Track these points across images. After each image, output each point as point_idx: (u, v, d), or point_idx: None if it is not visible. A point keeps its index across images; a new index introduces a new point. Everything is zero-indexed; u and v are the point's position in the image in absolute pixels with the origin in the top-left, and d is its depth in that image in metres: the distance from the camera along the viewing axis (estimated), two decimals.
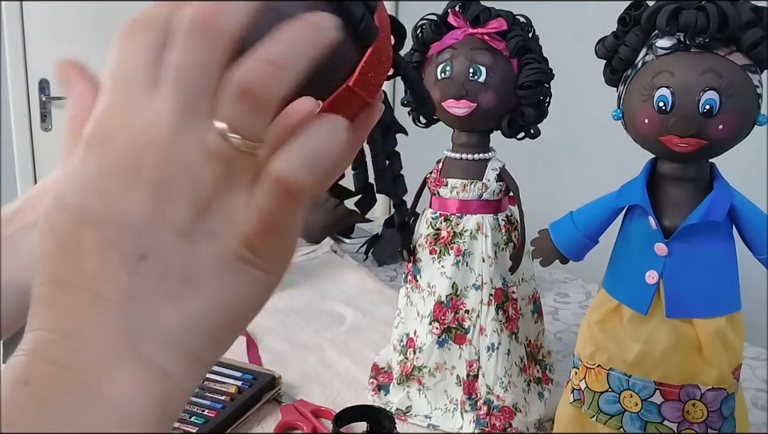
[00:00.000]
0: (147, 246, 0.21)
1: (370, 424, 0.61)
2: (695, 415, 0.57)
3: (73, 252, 0.21)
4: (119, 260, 0.21)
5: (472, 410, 0.73)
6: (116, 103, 0.22)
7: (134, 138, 0.21)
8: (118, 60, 0.23)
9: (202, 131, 0.21)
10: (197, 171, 0.21)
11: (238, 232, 0.22)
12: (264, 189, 0.22)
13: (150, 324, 0.21)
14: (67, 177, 0.22)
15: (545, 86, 0.72)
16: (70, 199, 0.21)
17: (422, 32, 0.73)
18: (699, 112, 0.53)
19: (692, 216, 0.56)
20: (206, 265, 0.21)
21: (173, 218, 0.21)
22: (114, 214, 0.21)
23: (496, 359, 0.72)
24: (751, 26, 0.52)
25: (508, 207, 0.77)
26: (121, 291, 0.20)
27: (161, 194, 0.21)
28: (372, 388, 0.79)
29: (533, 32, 0.73)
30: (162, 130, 0.21)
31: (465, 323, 0.73)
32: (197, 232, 0.21)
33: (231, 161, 0.21)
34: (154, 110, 0.21)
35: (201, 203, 0.21)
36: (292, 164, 0.21)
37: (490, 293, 0.73)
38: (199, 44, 0.21)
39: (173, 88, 0.21)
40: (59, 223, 0.21)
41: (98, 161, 0.21)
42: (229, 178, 0.22)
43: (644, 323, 0.58)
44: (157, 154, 0.21)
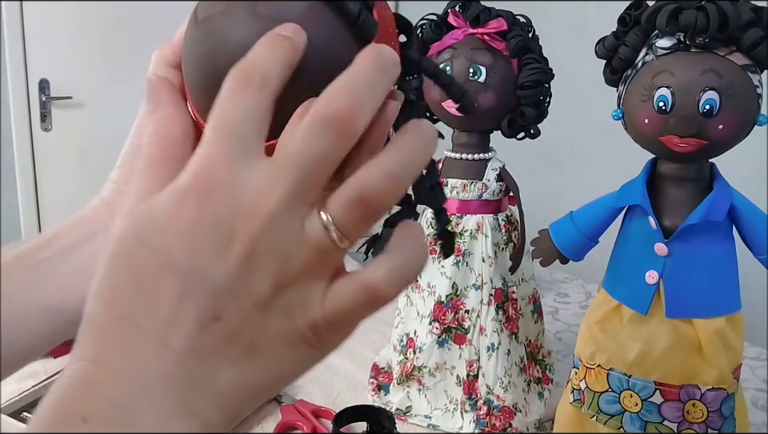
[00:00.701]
0: (223, 308, 0.21)
1: (369, 424, 0.61)
2: (695, 415, 0.57)
3: (148, 294, 0.21)
4: (194, 316, 0.21)
5: (472, 410, 0.73)
6: (223, 156, 0.22)
7: (238, 202, 0.21)
8: (229, 110, 0.22)
9: (305, 217, 0.22)
10: (290, 253, 0.22)
11: (309, 316, 0.22)
12: (351, 289, 0.22)
13: (207, 382, 0.21)
14: (153, 217, 0.22)
15: (545, 86, 0.72)
16: (157, 241, 0.21)
17: (422, 32, 0.73)
18: (699, 112, 0.53)
19: (692, 216, 0.56)
20: (272, 338, 0.22)
21: (254, 289, 0.21)
22: (199, 271, 0.21)
23: (496, 359, 0.72)
24: (751, 25, 0.52)
25: (508, 207, 0.77)
26: (188, 345, 0.21)
27: (249, 264, 0.21)
28: (372, 388, 0.79)
29: (533, 32, 0.73)
30: (269, 205, 0.21)
31: (465, 323, 0.73)
32: (272, 307, 0.22)
33: (323, 251, 0.22)
34: (265, 179, 0.21)
35: (283, 281, 0.22)
36: (387, 278, 0.22)
37: (489, 293, 0.73)
38: (332, 137, 0.22)
39: (292, 170, 0.21)
40: (139, 261, 0.21)
41: (194, 213, 0.21)
42: (315, 265, 0.22)
43: (644, 323, 0.58)
44: (257, 226, 0.21)
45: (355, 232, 0.22)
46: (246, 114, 0.22)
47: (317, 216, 0.22)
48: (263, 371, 0.22)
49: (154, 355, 0.21)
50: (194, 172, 0.22)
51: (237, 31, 0.24)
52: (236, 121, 0.22)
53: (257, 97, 0.22)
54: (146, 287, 0.21)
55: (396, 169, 0.22)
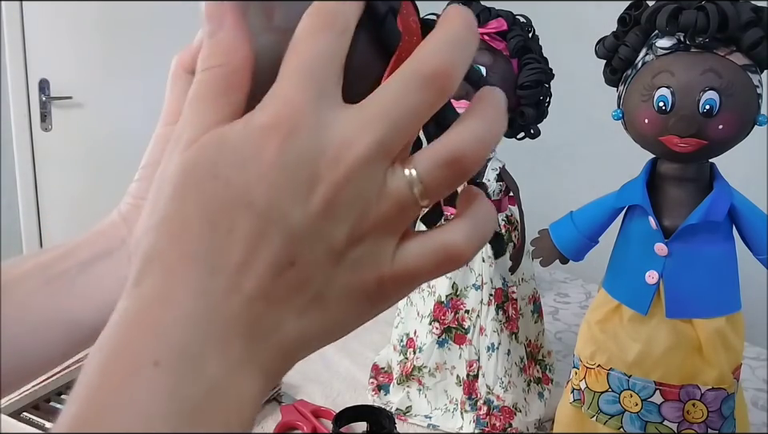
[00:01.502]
0: (299, 255, 0.21)
1: (369, 424, 0.61)
2: (695, 415, 0.57)
3: (223, 232, 0.20)
4: (270, 259, 0.20)
5: (472, 410, 0.73)
6: (305, 98, 0.21)
7: (323, 147, 0.20)
8: (311, 53, 0.21)
9: (389, 170, 0.21)
10: (370, 204, 0.21)
11: (377, 271, 0.22)
12: (428, 248, 0.22)
13: (273, 330, 0.21)
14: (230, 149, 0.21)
15: (545, 86, 0.72)
16: (235, 176, 0.20)
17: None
18: (699, 112, 0.53)
19: (692, 216, 0.56)
20: (338, 289, 0.22)
21: (330, 238, 0.21)
22: (279, 213, 0.20)
23: (496, 359, 0.72)
24: (751, 26, 0.52)
25: (508, 207, 0.77)
26: (259, 290, 0.20)
27: (329, 212, 0.21)
28: (372, 388, 0.79)
29: (533, 32, 0.73)
30: (355, 155, 0.21)
31: (465, 323, 0.73)
32: (344, 257, 0.21)
33: (402, 208, 0.22)
34: (353, 127, 0.21)
35: (359, 233, 0.21)
36: (466, 240, 0.22)
37: (490, 293, 0.73)
38: (429, 95, 0.21)
39: (381, 121, 0.21)
40: (215, 195, 0.20)
41: (277, 152, 0.20)
42: (394, 220, 0.22)
43: (644, 323, 0.58)
44: (340, 174, 0.20)
45: (439, 192, 0.22)
46: (328, 58, 0.21)
47: (401, 171, 0.21)
48: (323, 323, 0.22)
49: (224, 298, 0.20)
50: (276, 110, 0.21)
51: (253, 44, 0.24)
52: (318, 63, 0.21)
53: (338, 42, 0.22)
54: (221, 225, 0.20)
55: (486, 134, 0.22)
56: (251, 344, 0.20)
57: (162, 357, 0.19)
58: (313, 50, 0.21)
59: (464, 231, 0.23)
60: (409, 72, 0.21)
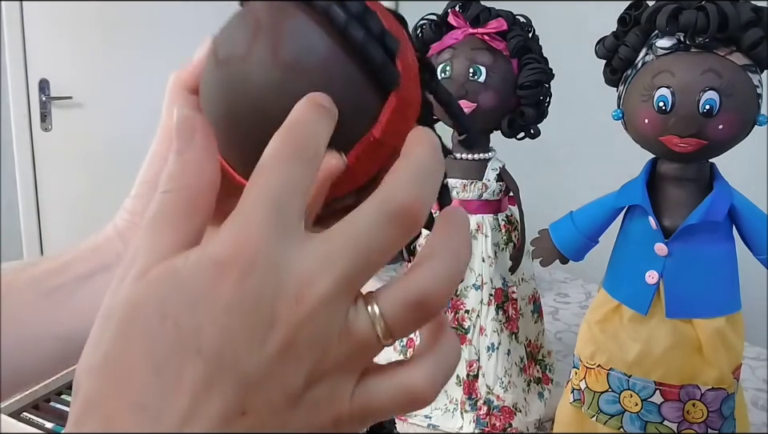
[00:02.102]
0: (253, 402, 0.19)
1: None
2: (695, 415, 0.57)
3: (170, 381, 0.19)
4: (219, 409, 0.19)
5: (472, 410, 0.73)
6: (270, 233, 0.19)
7: (283, 286, 0.19)
8: (277, 183, 0.20)
9: (352, 310, 0.20)
10: (330, 344, 0.20)
11: (335, 411, 0.21)
12: (388, 389, 0.21)
13: None
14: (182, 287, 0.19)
15: (545, 86, 0.72)
16: (185, 318, 0.19)
17: (422, 32, 0.73)
18: (699, 112, 0.53)
19: (692, 216, 0.56)
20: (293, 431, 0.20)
21: (287, 382, 0.19)
22: (232, 358, 0.19)
23: (496, 359, 0.72)
24: (751, 25, 0.52)
25: (508, 207, 0.77)
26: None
27: (287, 355, 0.19)
28: None
29: (533, 32, 0.73)
30: (317, 294, 0.19)
31: (465, 323, 0.73)
32: (301, 401, 0.20)
33: (364, 347, 0.21)
34: (314, 265, 0.20)
35: (317, 374, 0.20)
36: (429, 381, 0.21)
37: (489, 293, 0.73)
38: (396, 231, 0.20)
39: (346, 258, 0.20)
40: (162, 340, 0.19)
41: (231, 292, 0.19)
42: (352, 360, 0.21)
43: (644, 323, 0.58)
44: (301, 314, 0.19)
45: (404, 332, 0.21)
46: (294, 187, 0.20)
47: (364, 309, 0.20)
48: None
49: None
50: (234, 243, 0.19)
51: (258, 79, 0.23)
52: (284, 194, 0.20)
53: (306, 171, 0.20)
54: (168, 372, 0.19)
55: (451, 272, 0.21)
56: None
57: None
58: (279, 179, 0.20)
59: (427, 371, 0.21)
60: (376, 206, 0.20)
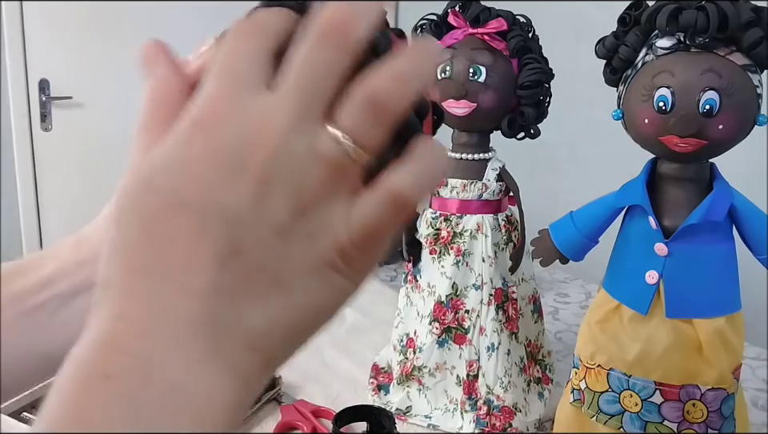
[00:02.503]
0: (242, 240, 0.20)
1: (370, 424, 0.61)
2: (695, 415, 0.57)
3: (163, 239, 0.20)
4: (212, 252, 0.20)
5: (472, 410, 0.73)
6: (226, 92, 0.21)
7: (245, 128, 0.21)
8: (229, 55, 0.22)
9: (315, 133, 0.21)
10: (303, 172, 0.21)
11: (333, 238, 0.21)
12: (375, 200, 0.22)
13: (234, 322, 0.20)
14: (160, 158, 0.21)
15: (545, 86, 0.72)
16: (164, 182, 0.20)
17: (422, 32, 0.73)
18: (699, 112, 0.53)
19: (692, 216, 0.56)
20: (297, 267, 0.21)
21: (272, 215, 0.20)
22: (213, 203, 0.20)
23: (496, 359, 0.72)
24: (751, 25, 0.52)
25: (508, 207, 0.77)
26: (209, 285, 0.20)
27: (263, 189, 0.20)
28: (372, 388, 0.79)
29: (533, 32, 0.73)
30: (276, 126, 0.21)
31: (465, 323, 0.73)
32: (293, 233, 0.21)
33: (339, 167, 0.21)
34: (270, 105, 0.21)
35: (301, 204, 0.21)
36: (411, 180, 0.22)
37: (489, 293, 0.73)
38: (330, 48, 0.21)
39: (294, 87, 0.21)
40: (149, 207, 0.20)
41: (202, 145, 0.21)
42: (333, 183, 0.21)
43: (644, 323, 0.58)
44: (267, 149, 0.20)
45: (370, 139, 0.22)
46: (246, 54, 0.22)
47: (325, 131, 0.21)
48: (292, 306, 0.21)
49: (175, 300, 0.20)
50: (197, 109, 0.21)
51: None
52: (236, 61, 0.22)
53: (256, 41, 0.22)
54: (160, 233, 0.20)
55: (405, 70, 0.22)
56: (213, 341, 0.20)
57: (113, 369, 0.19)
58: (234, 51, 0.22)
59: (408, 172, 0.22)
60: (310, 33, 0.22)
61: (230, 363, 0.20)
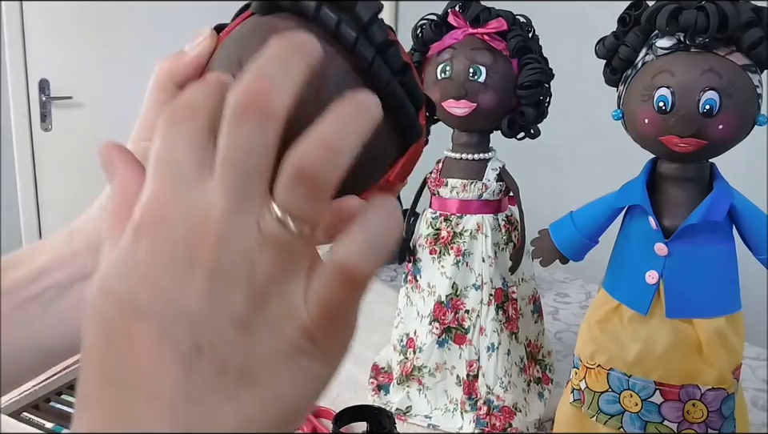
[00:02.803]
0: (203, 338, 0.19)
1: (370, 424, 0.61)
2: (695, 416, 0.57)
3: (123, 346, 0.20)
4: (174, 355, 0.19)
5: (472, 410, 0.73)
6: (165, 188, 0.21)
7: (188, 222, 0.20)
8: (164, 145, 0.22)
9: (256, 216, 0.20)
10: (253, 258, 0.20)
11: (297, 322, 0.21)
12: (325, 276, 0.21)
13: (206, 425, 0.19)
14: (113, 265, 0.21)
15: (545, 85, 0.72)
16: (118, 288, 0.20)
17: (422, 32, 0.73)
18: (699, 112, 0.53)
19: (692, 216, 0.56)
20: (264, 358, 0.20)
21: (230, 307, 0.20)
22: (168, 304, 0.20)
23: (496, 359, 0.72)
24: (751, 25, 0.52)
25: (508, 207, 0.77)
26: (176, 388, 0.19)
27: (217, 282, 0.20)
28: (372, 388, 0.79)
29: (533, 32, 0.73)
30: (216, 213, 0.20)
31: (465, 323, 0.73)
32: (254, 323, 0.20)
33: (288, 247, 0.21)
34: (209, 194, 0.20)
35: (258, 292, 0.20)
36: (354, 251, 0.20)
37: (489, 293, 0.73)
38: (248, 125, 0.20)
39: (225, 171, 0.20)
40: (106, 315, 0.20)
41: (148, 247, 0.20)
42: (286, 265, 0.21)
43: (644, 323, 0.58)
44: (212, 238, 0.20)
45: (308, 214, 0.20)
46: (182, 143, 0.22)
47: (267, 212, 0.20)
48: (265, 400, 0.20)
49: (145, 409, 0.19)
50: (140, 211, 0.21)
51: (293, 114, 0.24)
52: (173, 151, 0.21)
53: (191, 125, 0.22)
54: (120, 341, 0.20)
55: (331, 135, 0.20)
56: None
57: None
58: (167, 141, 0.22)
59: (354, 243, 0.20)
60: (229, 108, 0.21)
61: None
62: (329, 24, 0.24)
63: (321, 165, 0.20)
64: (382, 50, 0.24)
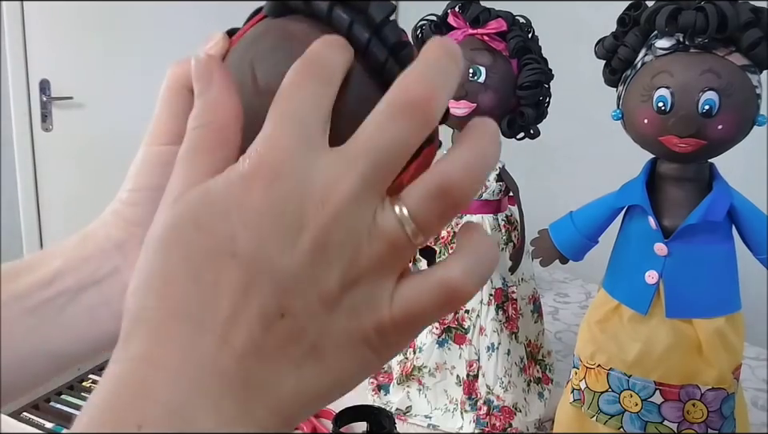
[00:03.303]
0: (289, 304, 0.20)
1: (370, 424, 0.61)
2: (695, 415, 0.57)
3: (209, 286, 0.19)
4: (258, 311, 0.19)
5: (472, 410, 0.73)
6: (290, 142, 0.20)
7: (309, 187, 0.20)
8: (297, 100, 0.21)
9: (378, 208, 0.21)
10: (361, 246, 0.20)
11: (376, 317, 0.21)
12: (426, 287, 0.21)
13: (267, 386, 0.20)
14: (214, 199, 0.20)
15: (544, 86, 0.72)
16: (217, 225, 0.20)
17: (422, 32, 0.73)
18: (698, 112, 0.53)
19: (692, 216, 0.56)
20: (335, 340, 0.21)
21: (322, 283, 0.20)
22: (266, 261, 0.19)
23: (496, 359, 0.72)
24: (750, 26, 0.52)
25: (508, 207, 0.77)
26: (250, 345, 0.19)
27: (319, 256, 0.20)
28: (372, 388, 0.79)
29: (532, 32, 0.73)
30: (342, 190, 0.20)
31: (465, 322, 0.73)
32: (338, 305, 0.20)
33: (396, 246, 0.21)
34: (336, 167, 0.20)
35: (353, 277, 0.20)
36: (466, 273, 0.21)
37: (489, 293, 0.73)
38: (404, 123, 0.20)
39: (364, 158, 0.20)
40: (198, 248, 0.20)
41: (261, 198, 0.20)
42: (386, 262, 0.21)
43: (644, 323, 0.58)
44: (329, 212, 0.20)
45: (432, 227, 0.21)
46: (313, 104, 0.21)
47: (390, 209, 0.21)
48: (324, 376, 0.21)
49: (214, 354, 0.19)
50: (259, 155, 0.20)
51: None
52: (303, 109, 0.21)
53: (324, 90, 0.21)
54: (206, 278, 0.19)
55: (475, 161, 0.21)
56: (245, 402, 0.19)
57: (147, 420, 0.18)
58: (298, 97, 0.21)
59: (462, 265, 0.21)
60: (389, 102, 0.21)
61: (257, 427, 0.20)
62: (341, 25, 0.24)
63: (464, 188, 0.21)
64: (395, 50, 0.24)
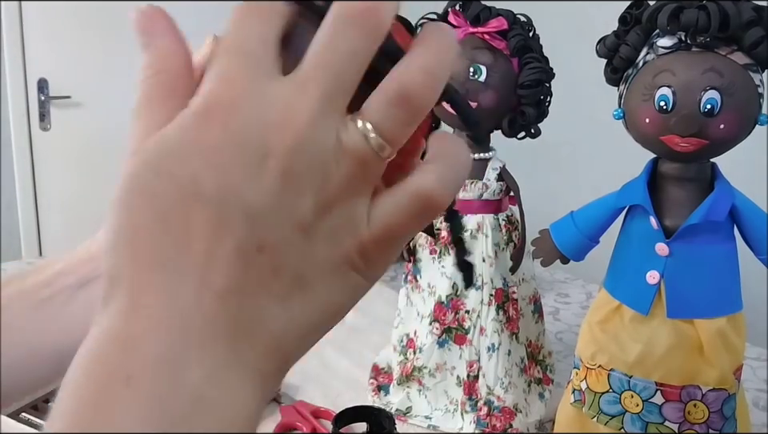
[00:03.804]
0: (265, 237, 0.19)
1: (370, 425, 0.61)
2: (696, 416, 0.57)
3: (179, 230, 0.19)
4: (234, 248, 0.19)
5: (472, 410, 0.73)
6: (242, 73, 0.20)
7: (268, 115, 0.19)
8: (239, 33, 0.20)
9: (340, 126, 0.20)
10: (328, 166, 0.20)
11: (355, 237, 0.21)
12: (401, 200, 0.21)
13: (255, 324, 0.19)
14: (170, 143, 0.19)
15: (545, 85, 0.72)
16: (178, 168, 0.19)
17: None
18: (700, 111, 0.52)
19: (693, 216, 0.55)
20: (318, 266, 0.20)
21: (296, 211, 0.19)
22: (234, 195, 0.19)
23: (496, 360, 0.72)
24: (752, 25, 0.51)
25: (508, 207, 0.77)
26: (231, 283, 0.19)
27: (288, 182, 0.19)
28: (372, 389, 0.79)
29: (533, 31, 0.73)
30: (301, 113, 0.19)
31: (465, 323, 0.73)
32: (316, 231, 0.20)
33: (364, 163, 0.20)
34: (292, 92, 0.20)
35: (326, 201, 0.20)
36: (436, 180, 0.21)
37: (490, 293, 0.72)
38: (354, 34, 0.20)
39: (319, 73, 0.20)
40: (162, 193, 0.19)
41: (219, 132, 0.19)
42: (357, 180, 0.20)
43: (645, 323, 0.58)
44: (291, 139, 0.19)
45: (398, 137, 0.21)
46: (259, 37, 0.20)
47: (353, 124, 0.20)
48: (313, 306, 0.20)
49: (195, 300, 0.18)
50: (210, 92, 0.20)
51: None
52: (250, 42, 0.20)
53: (268, 24, 0.21)
54: (175, 225, 0.19)
55: (432, 64, 0.20)
56: (234, 343, 0.19)
57: (135, 372, 0.18)
58: (243, 32, 0.21)
59: (436, 174, 0.21)
60: (335, 16, 0.20)
61: (251, 368, 0.19)
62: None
63: (423, 91, 0.20)
64: None
